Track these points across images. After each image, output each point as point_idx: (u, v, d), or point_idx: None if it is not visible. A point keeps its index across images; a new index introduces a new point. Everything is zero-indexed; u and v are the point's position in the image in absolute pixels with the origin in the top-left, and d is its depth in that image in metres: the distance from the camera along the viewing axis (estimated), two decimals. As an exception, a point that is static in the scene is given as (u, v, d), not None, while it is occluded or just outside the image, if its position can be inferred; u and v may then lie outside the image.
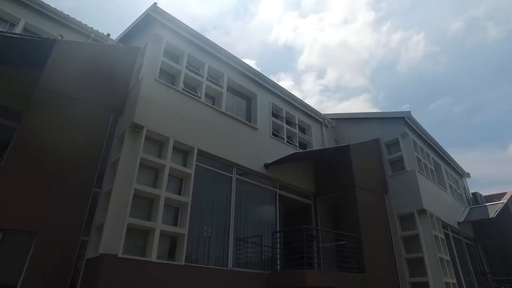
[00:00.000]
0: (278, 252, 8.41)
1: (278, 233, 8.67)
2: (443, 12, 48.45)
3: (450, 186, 14.28)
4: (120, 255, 5.88)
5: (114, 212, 6.26)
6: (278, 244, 8.49)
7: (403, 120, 11.72)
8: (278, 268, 8.22)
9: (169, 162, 7.25)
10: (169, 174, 7.25)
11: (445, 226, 11.91)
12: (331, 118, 13.36)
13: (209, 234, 7.80)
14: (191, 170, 7.62)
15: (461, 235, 13.59)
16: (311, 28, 62.05)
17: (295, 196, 10.39)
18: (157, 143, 7.55)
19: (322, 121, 12.83)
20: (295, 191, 10.42)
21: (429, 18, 49.72)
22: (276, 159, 9.27)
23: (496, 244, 14.77)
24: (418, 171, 11.10)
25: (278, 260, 8.31)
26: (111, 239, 6.01)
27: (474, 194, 16.26)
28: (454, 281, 10.50)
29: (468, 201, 15.89)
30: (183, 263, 6.69)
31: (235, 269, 7.75)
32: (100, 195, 6.97)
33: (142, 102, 7.33)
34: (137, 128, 7.11)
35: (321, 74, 66.18)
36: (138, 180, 6.66)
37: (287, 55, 66.43)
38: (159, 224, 6.57)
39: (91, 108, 7.40)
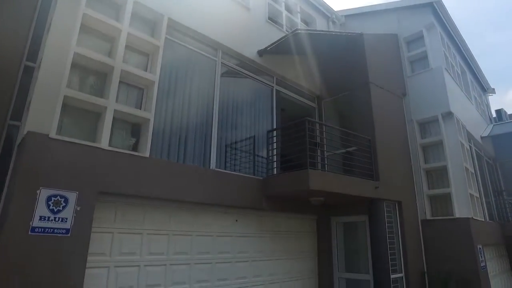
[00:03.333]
0: (275, 153, 6.84)
1: (274, 131, 7.02)
2: None
3: (475, 98, 12.47)
4: (52, 135, 4.25)
5: (46, 83, 4.47)
6: (275, 144, 6.89)
7: (431, 8, 9.50)
8: (275, 172, 6.70)
9: (126, 27, 5.35)
10: (130, 46, 5.46)
11: (469, 138, 10.30)
12: (341, 15, 11.10)
13: (186, 128, 6.15)
14: (159, 42, 5.75)
15: (483, 152, 12.08)
16: None
17: (296, 96, 8.60)
18: (111, 6, 5.58)
19: (330, 16, 10.60)
20: (296, 90, 8.60)
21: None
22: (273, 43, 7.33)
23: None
24: (445, 69, 9.18)
25: (275, 163, 6.77)
26: (41, 115, 4.31)
27: (499, 111, 14.50)
28: (477, 194, 9.15)
29: (491, 120, 14.20)
30: (147, 155, 5.11)
31: (219, 170, 6.23)
32: (35, 70, 5.20)
33: None
34: (77, -24, 5.08)
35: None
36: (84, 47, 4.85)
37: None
38: (112, 103, 4.87)
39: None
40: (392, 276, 7.04)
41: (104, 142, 4.66)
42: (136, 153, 5.01)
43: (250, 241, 6.59)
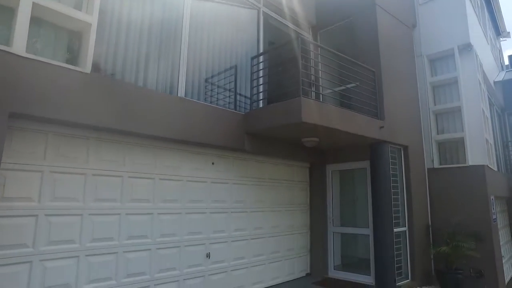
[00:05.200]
0: (262, 83, 5.58)
1: (260, 57, 5.71)
2: None
3: (490, 40, 11.11)
4: None
5: None
6: (261, 72, 5.60)
7: None
8: (261, 105, 5.49)
9: None
10: None
11: (484, 80, 9.09)
12: None
13: (146, 46, 4.80)
14: None
15: (493, 100, 10.95)
16: None
17: (287, 22, 7.16)
18: None
19: None
20: (287, 16, 7.16)
21: None
22: None
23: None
24: (466, -6, 7.76)
25: (261, 94, 5.53)
26: None
27: (512, 56, 13.21)
28: (492, 141, 8.12)
29: (502, 67, 12.95)
30: (88, 70, 3.81)
31: (189, 99, 4.97)
32: None
33: None
34: None
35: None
36: None
37: None
38: (29, -7, 3.50)
39: None
40: (395, 230, 6.12)
41: (18, 47, 3.34)
42: (71, 67, 3.71)
43: (230, 189, 5.51)
